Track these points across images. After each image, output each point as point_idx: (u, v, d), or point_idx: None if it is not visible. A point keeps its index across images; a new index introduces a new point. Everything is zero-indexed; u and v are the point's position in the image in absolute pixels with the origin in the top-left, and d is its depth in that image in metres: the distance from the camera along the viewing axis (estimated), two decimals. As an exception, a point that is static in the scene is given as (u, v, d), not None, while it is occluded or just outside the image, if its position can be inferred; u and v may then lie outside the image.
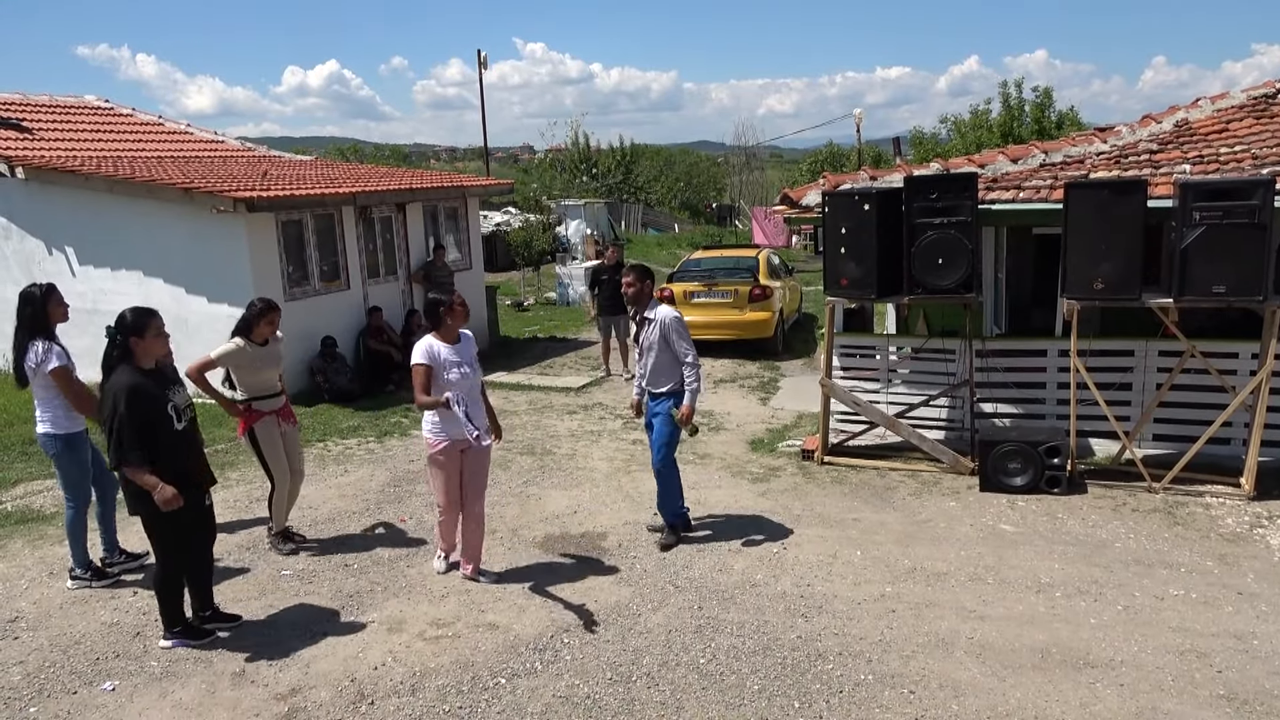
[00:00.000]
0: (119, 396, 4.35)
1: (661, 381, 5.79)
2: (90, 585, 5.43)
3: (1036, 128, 28.28)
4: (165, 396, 4.53)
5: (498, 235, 23.85)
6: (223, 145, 14.71)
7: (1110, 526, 6.08)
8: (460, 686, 4.31)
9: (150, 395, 4.44)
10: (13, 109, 12.57)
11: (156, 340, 4.56)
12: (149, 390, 4.44)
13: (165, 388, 4.57)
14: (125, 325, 4.49)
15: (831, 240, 7.13)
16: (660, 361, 5.75)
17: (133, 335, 4.48)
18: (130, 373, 4.43)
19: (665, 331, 5.70)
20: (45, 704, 4.26)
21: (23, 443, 8.43)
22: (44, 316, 5.19)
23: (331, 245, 10.86)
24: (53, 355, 5.13)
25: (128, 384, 4.38)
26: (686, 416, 5.70)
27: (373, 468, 7.80)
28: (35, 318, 5.17)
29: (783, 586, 5.28)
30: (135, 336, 4.48)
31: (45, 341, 5.17)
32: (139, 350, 4.49)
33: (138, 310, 4.57)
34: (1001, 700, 4.09)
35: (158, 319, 4.59)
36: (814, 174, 35.87)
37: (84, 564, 5.49)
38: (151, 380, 4.50)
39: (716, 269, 13.24)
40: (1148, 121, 8.44)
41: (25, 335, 5.17)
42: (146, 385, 4.44)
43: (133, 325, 4.48)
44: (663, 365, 5.75)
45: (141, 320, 4.51)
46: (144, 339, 4.49)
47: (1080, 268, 6.42)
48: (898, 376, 8.04)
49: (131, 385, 4.38)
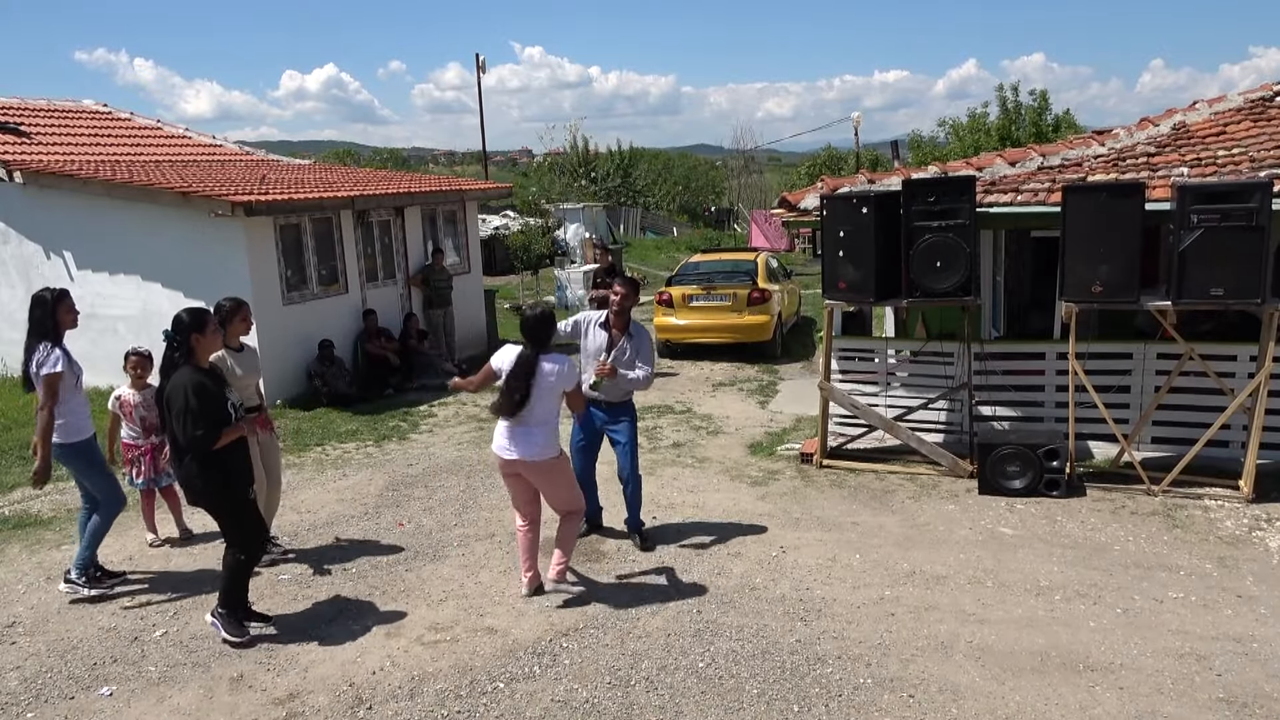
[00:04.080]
0: (187, 391, 4.51)
1: (625, 393, 5.84)
2: (80, 591, 5.35)
3: (1034, 131, 28.31)
4: (224, 395, 4.74)
5: (496, 239, 23.88)
6: (221, 149, 14.71)
7: (1109, 529, 6.07)
8: (459, 691, 4.30)
9: (212, 393, 4.62)
10: (11, 113, 12.56)
11: (216, 335, 4.80)
12: (211, 388, 4.63)
13: (222, 386, 4.80)
14: (184, 325, 4.65)
15: (830, 243, 7.13)
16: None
17: (194, 333, 4.65)
18: (193, 371, 4.61)
19: (646, 342, 5.80)
20: (43, 709, 4.25)
21: (20, 447, 8.41)
22: (52, 321, 5.17)
23: (330, 249, 10.86)
24: (51, 360, 5.10)
25: (194, 380, 4.57)
26: (610, 372, 5.59)
27: (371, 472, 7.79)
28: (43, 321, 5.15)
29: (781, 590, 5.27)
30: (196, 333, 4.66)
31: (50, 346, 5.13)
32: (200, 347, 4.68)
33: (193, 310, 4.77)
34: (1001, 704, 4.08)
35: (212, 315, 4.84)
36: (812, 177, 35.91)
37: (84, 568, 5.39)
38: (211, 379, 4.70)
39: (715, 272, 13.24)
40: (1145, 124, 8.45)
41: (34, 338, 5.16)
42: (209, 383, 4.64)
43: (193, 323, 4.66)
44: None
45: (201, 317, 4.72)
46: (205, 335, 4.69)
47: (1078, 271, 6.42)
48: (896, 379, 8.04)
49: (198, 381, 4.58)
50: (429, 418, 9.63)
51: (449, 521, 6.53)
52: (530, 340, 4.99)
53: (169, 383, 4.60)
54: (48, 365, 5.10)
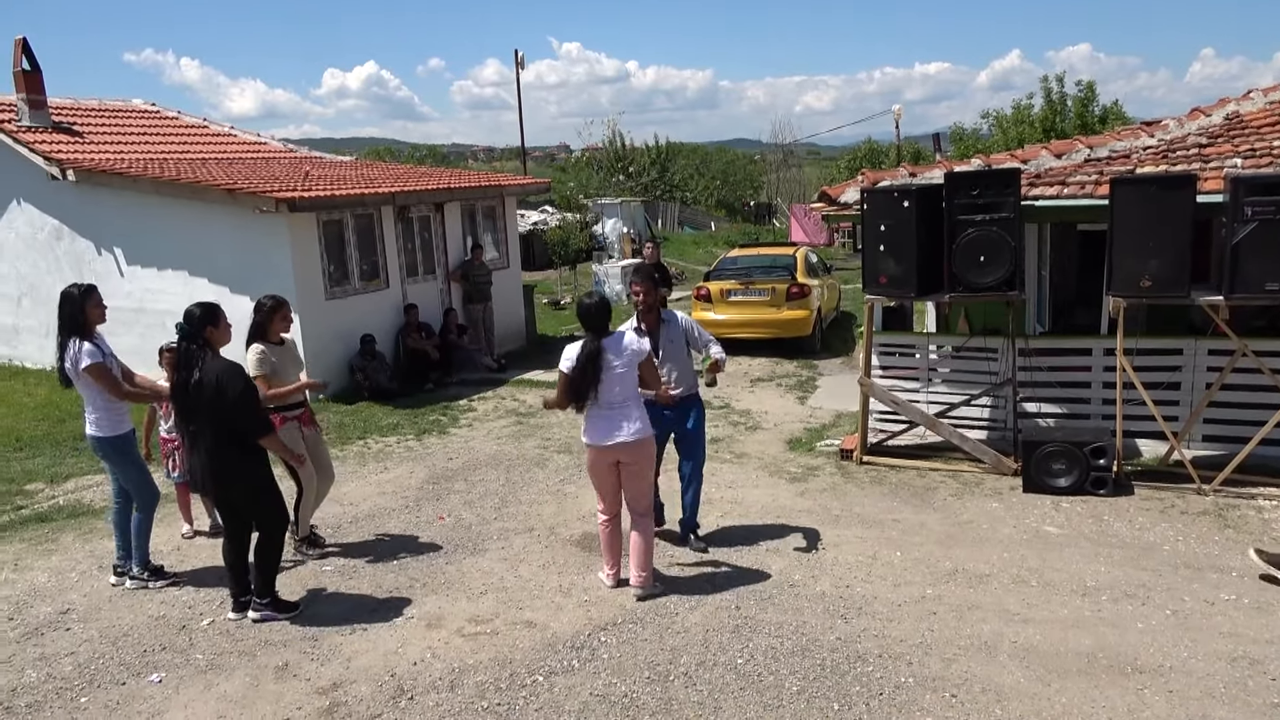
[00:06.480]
0: (235, 377, 4.70)
1: (690, 385, 5.76)
2: (148, 586, 5.46)
3: (1080, 122, 27.79)
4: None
5: (534, 234, 23.97)
6: (265, 147, 14.94)
7: (1158, 529, 5.95)
8: (498, 683, 4.33)
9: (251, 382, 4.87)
10: (64, 113, 12.87)
11: (227, 329, 4.94)
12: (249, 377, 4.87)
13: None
14: (196, 319, 4.79)
15: (870, 238, 7.06)
16: (685, 366, 5.72)
17: (209, 326, 4.81)
18: (224, 359, 4.79)
19: (688, 328, 5.69)
20: (95, 694, 4.36)
21: (73, 439, 8.64)
22: (81, 316, 5.22)
23: (371, 245, 10.98)
24: (84, 354, 5.16)
25: (233, 366, 4.76)
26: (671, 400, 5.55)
27: (412, 465, 7.87)
28: (73, 318, 5.20)
29: (821, 587, 5.23)
30: (211, 327, 4.82)
31: (80, 341, 5.19)
32: (215, 339, 4.83)
33: (203, 304, 4.92)
34: (1046, 705, 4.01)
35: (221, 308, 4.97)
36: (852, 171, 35.58)
37: (145, 563, 5.51)
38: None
39: (753, 267, 13.15)
40: (1196, 115, 8.25)
41: (64, 335, 5.22)
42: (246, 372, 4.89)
43: (205, 317, 4.82)
44: (686, 369, 5.72)
45: (213, 310, 4.87)
46: (218, 328, 4.85)
47: (1127, 265, 6.29)
48: (938, 375, 7.94)
49: (238, 368, 4.80)
50: (468, 412, 9.71)
51: (488, 515, 6.58)
52: (591, 328, 4.99)
53: (209, 371, 4.69)
54: (83, 359, 5.14)
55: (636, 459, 5.08)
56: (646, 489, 5.23)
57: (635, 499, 5.20)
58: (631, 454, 5.05)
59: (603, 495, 5.25)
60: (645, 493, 5.22)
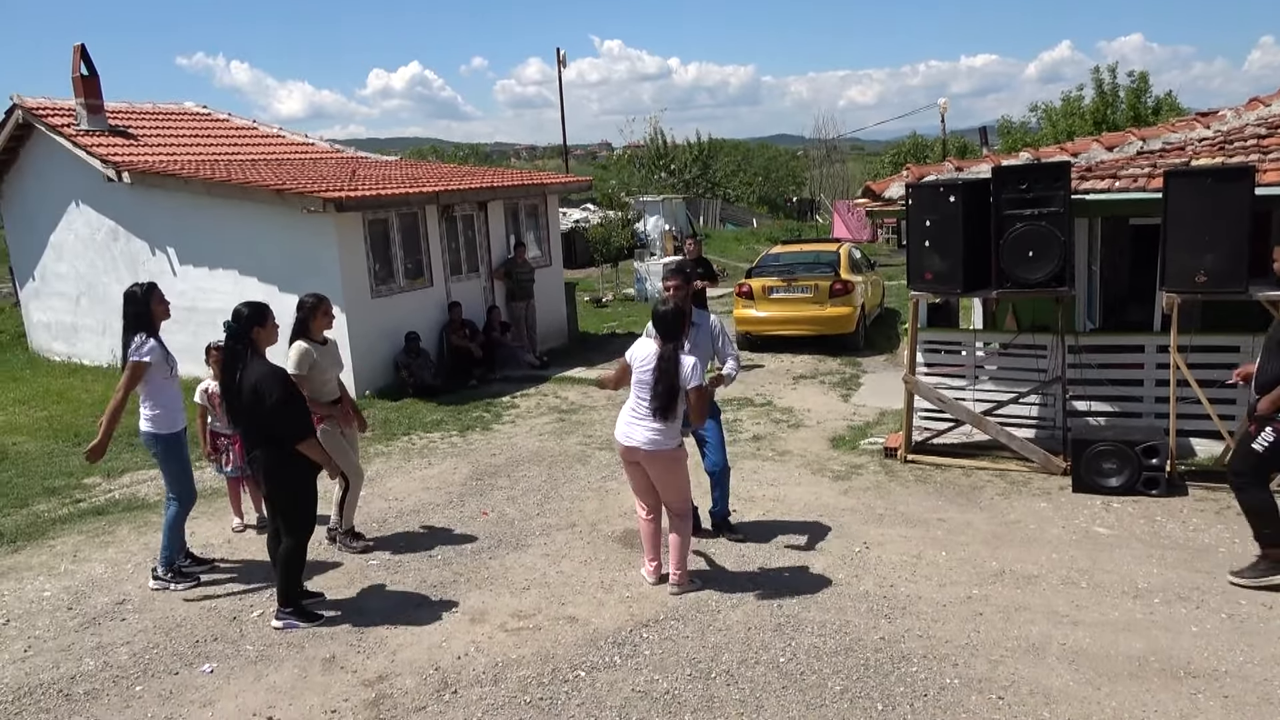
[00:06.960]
0: (274, 383, 4.70)
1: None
2: (169, 588, 5.49)
3: (1132, 114, 27.11)
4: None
5: (577, 232, 24.08)
6: (313, 148, 15.19)
7: (1213, 530, 5.80)
8: (541, 678, 4.36)
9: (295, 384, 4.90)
10: (120, 117, 13.21)
11: (275, 328, 4.98)
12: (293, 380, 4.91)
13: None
14: (245, 318, 4.83)
15: (915, 233, 6.97)
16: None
17: (256, 326, 4.84)
18: (268, 363, 4.81)
19: (716, 335, 5.61)
20: (150, 683, 4.47)
21: (128, 434, 8.83)
22: (147, 314, 5.35)
23: (415, 243, 11.11)
24: (145, 349, 5.28)
25: (272, 371, 4.77)
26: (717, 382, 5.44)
27: (455, 461, 7.95)
28: (140, 316, 5.34)
29: (865, 586, 5.19)
30: (257, 326, 4.85)
31: (145, 336, 5.32)
32: (261, 339, 4.87)
33: (252, 303, 4.94)
34: (1096, 709, 3.94)
35: (269, 308, 5.00)
36: (897, 166, 35.15)
37: (169, 563, 5.55)
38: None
39: (796, 264, 13.06)
40: (1255, 105, 8.01)
41: (129, 332, 5.35)
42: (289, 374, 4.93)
43: (253, 316, 4.85)
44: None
45: (261, 310, 4.91)
46: (265, 328, 4.89)
47: (1181, 259, 6.14)
48: (985, 373, 7.81)
49: (282, 372, 4.83)
50: (511, 409, 9.78)
51: (531, 511, 6.62)
52: (665, 336, 4.89)
53: (249, 375, 4.72)
54: (137, 354, 5.27)
55: (654, 466, 5.04)
56: (678, 493, 5.16)
57: (670, 501, 5.19)
58: (650, 462, 5.02)
59: (635, 491, 5.26)
60: (678, 496, 5.17)
